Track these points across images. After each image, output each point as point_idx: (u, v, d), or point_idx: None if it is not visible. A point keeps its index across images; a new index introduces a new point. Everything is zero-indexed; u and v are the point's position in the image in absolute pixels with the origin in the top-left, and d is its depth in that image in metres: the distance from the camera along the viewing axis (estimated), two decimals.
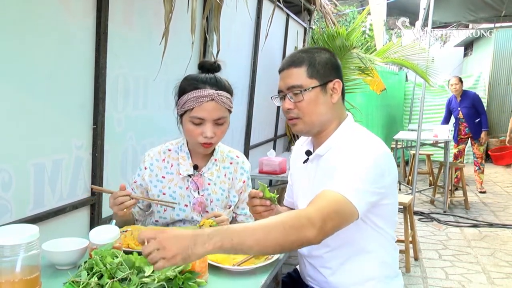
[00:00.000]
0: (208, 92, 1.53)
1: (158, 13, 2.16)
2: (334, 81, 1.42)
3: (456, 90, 6.06)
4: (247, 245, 1.08)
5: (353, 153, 1.31)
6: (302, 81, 1.40)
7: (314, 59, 1.42)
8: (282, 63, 1.48)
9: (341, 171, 1.28)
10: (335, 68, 1.44)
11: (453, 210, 5.37)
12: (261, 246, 1.10)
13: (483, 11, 6.07)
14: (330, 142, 1.43)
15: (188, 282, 1.12)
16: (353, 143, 1.36)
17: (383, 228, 1.40)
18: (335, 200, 1.21)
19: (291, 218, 1.15)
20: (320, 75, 1.41)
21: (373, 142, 1.37)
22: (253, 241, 1.09)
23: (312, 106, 1.40)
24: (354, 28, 4.33)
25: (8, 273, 1.04)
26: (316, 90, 1.40)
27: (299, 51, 1.48)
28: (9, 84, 1.51)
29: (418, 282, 3.33)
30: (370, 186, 1.26)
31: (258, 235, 1.10)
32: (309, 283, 1.54)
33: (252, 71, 3.90)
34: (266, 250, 1.14)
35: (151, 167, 1.67)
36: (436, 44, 12.27)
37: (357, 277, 1.43)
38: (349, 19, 11.40)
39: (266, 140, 4.66)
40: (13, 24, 1.50)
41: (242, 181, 1.73)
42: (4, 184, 1.53)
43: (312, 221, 1.14)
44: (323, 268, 1.46)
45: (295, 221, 1.14)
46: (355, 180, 1.25)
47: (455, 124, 6.28)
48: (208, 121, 1.54)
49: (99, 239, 1.24)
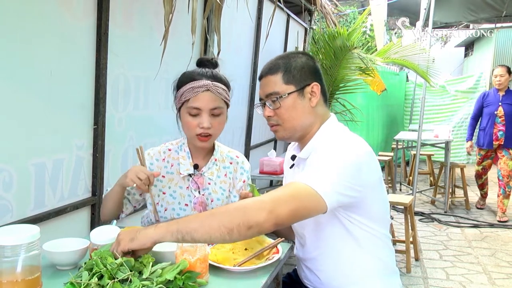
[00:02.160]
0: (203, 82, 1.55)
1: (159, 13, 2.16)
2: (311, 85, 1.41)
3: (500, 83, 4.91)
4: (191, 227, 1.12)
5: (329, 150, 1.29)
6: (278, 88, 1.40)
7: (290, 65, 1.41)
8: (260, 71, 1.48)
9: (313, 166, 1.26)
10: (312, 72, 1.43)
11: (453, 211, 5.36)
12: (205, 227, 1.11)
13: (484, 11, 6.07)
14: (311, 145, 1.42)
15: (189, 282, 1.11)
16: (332, 142, 1.35)
17: (372, 227, 1.38)
18: (295, 187, 1.19)
19: (239, 202, 1.18)
20: (296, 80, 1.40)
21: (352, 140, 1.35)
22: (198, 222, 1.13)
23: (290, 112, 1.40)
24: (354, 28, 4.32)
25: (9, 274, 1.04)
26: (293, 95, 1.40)
27: (276, 57, 1.48)
28: (10, 84, 1.51)
29: (419, 283, 3.33)
30: (343, 180, 1.23)
31: (202, 217, 1.14)
32: (307, 285, 1.54)
33: (252, 71, 3.90)
34: (211, 233, 1.12)
35: (151, 166, 1.67)
36: (437, 44, 12.27)
37: (353, 277, 1.42)
38: (349, 19, 11.40)
39: (266, 140, 4.66)
40: (15, 25, 1.50)
41: (242, 181, 1.73)
42: (5, 184, 1.53)
43: (263, 204, 1.13)
44: (318, 271, 1.45)
45: (242, 203, 1.15)
46: (325, 172, 1.22)
47: (486, 123, 5.05)
48: (205, 111, 1.55)
49: (100, 240, 1.24)
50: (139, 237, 1.15)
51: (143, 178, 1.46)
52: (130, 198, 1.69)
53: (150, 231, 1.15)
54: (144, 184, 1.47)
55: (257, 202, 1.15)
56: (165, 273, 1.11)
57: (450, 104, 8.90)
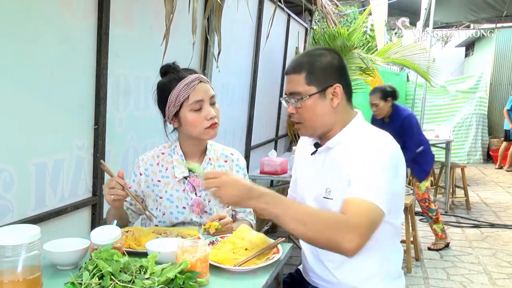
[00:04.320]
0: (193, 76, 1.56)
1: (159, 13, 2.16)
2: (334, 86, 1.42)
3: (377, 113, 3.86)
4: (285, 220, 1.22)
5: (369, 152, 1.34)
6: (300, 88, 1.42)
7: (314, 65, 1.42)
8: (287, 66, 1.50)
9: (361, 173, 1.31)
10: (336, 72, 1.44)
11: (454, 211, 5.36)
12: (297, 225, 1.22)
13: (484, 11, 6.07)
14: (340, 137, 1.45)
15: (189, 282, 1.11)
16: (366, 140, 1.38)
17: (391, 222, 1.41)
18: (368, 210, 1.25)
19: (339, 217, 1.24)
20: (318, 81, 1.41)
21: (385, 139, 1.40)
22: (293, 219, 1.22)
23: (311, 112, 1.42)
24: (355, 28, 4.33)
25: (9, 274, 1.04)
26: (314, 97, 1.41)
27: (302, 54, 1.50)
28: (11, 84, 1.51)
29: (419, 283, 3.33)
30: (388, 186, 1.31)
31: (300, 215, 1.22)
32: (312, 280, 1.54)
33: (253, 71, 3.90)
34: (298, 231, 1.23)
35: (146, 172, 1.67)
36: (437, 44, 12.26)
37: (360, 275, 1.43)
38: (350, 19, 11.38)
39: (267, 140, 4.66)
40: (15, 25, 1.50)
41: None
42: (6, 184, 1.53)
43: (354, 234, 1.20)
44: (329, 262, 1.47)
45: (341, 222, 1.22)
46: (375, 181, 1.29)
47: None
48: (206, 102, 1.57)
49: (100, 240, 1.24)
50: (241, 205, 1.32)
51: (112, 186, 1.45)
52: (133, 208, 1.71)
53: (249, 204, 1.25)
54: (118, 189, 1.45)
55: (352, 227, 1.21)
56: (165, 272, 1.11)
57: (450, 104, 8.90)
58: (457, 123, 8.78)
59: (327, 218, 1.24)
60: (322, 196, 1.44)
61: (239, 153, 1.79)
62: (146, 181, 1.66)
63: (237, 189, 1.23)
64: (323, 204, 1.44)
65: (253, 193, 1.23)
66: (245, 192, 1.23)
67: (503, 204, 5.71)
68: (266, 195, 1.24)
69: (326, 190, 1.43)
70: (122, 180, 1.47)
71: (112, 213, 1.62)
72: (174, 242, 1.28)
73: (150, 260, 1.15)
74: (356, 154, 1.35)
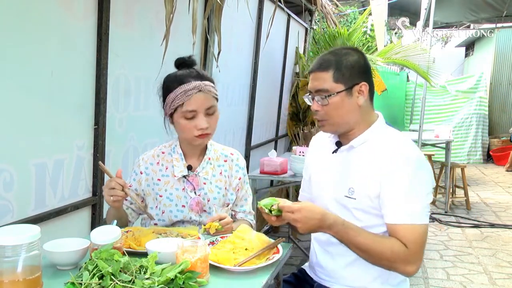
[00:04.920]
0: (194, 84, 1.55)
1: (159, 13, 2.16)
2: (360, 84, 1.44)
3: None
4: (350, 247, 1.38)
5: (408, 167, 1.37)
6: (328, 85, 1.43)
7: (341, 63, 1.44)
8: (312, 64, 1.51)
9: (405, 191, 1.36)
10: (362, 71, 1.46)
11: (454, 211, 5.36)
12: (361, 253, 1.38)
13: (484, 11, 6.07)
14: (365, 136, 1.47)
15: (189, 282, 1.11)
16: (399, 148, 1.41)
17: None
18: (421, 235, 1.36)
19: (398, 248, 1.34)
20: (346, 79, 1.43)
21: (415, 148, 1.45)
22: (357, 248, 1.37)
23: (338, 110, 1.44)
24: (355, 28, 4.33)
25: (9, 273, 1.04)
26: (341, 94, 1.43)
27: (328, 52, 1.51)
28: (11, 84, 1.51)
29: (419, 283, 3.33)
30: (430, 199, 1.41)
31: (363, 245, 1.36)
32: (317, 275, 1.54)
33: (253, 71, 3.89)
34: (361, 256, 1.39)
35: (147, 171, 1.67)
36: (437, 44, 12.27)
37: (369, 275, 1.45)
38: (350, 19, 11.37)
39: (267, 140, 4.65)
40: (15, 25, 1.50)
41: (238, 178, 1.73)
42: (6, 184, 1.53)
43: (415, 263, 1.36)
44: (340, 256, 1.48)
45: (401, 254, 1.34)
46: (423, 201, 1.37)
47: None
48: (200, 112, 1.56)
49: (100, 240, 1.24)
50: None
51: (112, 187, 1.45)
52: (133, 207, 1.71)
53: (323, 231, 1.39)
54: (118, 189, 1.45)
55: (409, 256, 1.34)
56: (165, 272, 1.11)
57: (450, 104, 8.90)
58: (457, 123, 8.78)
59: (388, 249, 1.34)
60: (344, 195, 1.45)
61: (239, 153, 1.79)
62: (147, 179, 1.67)
63: (310, 224, 1.34)
64: (345, 203, 1.44)
65: (324, 223, 1.35)
66: (317, 224, 1.35)
67: (503, 204, 5.71)
68: (335, 226, 1.36)
69: (349, 189, 1.44)
70: (121, 180, 1.47)
71: (112, 213, 1.62)
72: (174, 242, 1.28)
73: (150, 260, 1.15)
74: (390, 161, 1.38)
